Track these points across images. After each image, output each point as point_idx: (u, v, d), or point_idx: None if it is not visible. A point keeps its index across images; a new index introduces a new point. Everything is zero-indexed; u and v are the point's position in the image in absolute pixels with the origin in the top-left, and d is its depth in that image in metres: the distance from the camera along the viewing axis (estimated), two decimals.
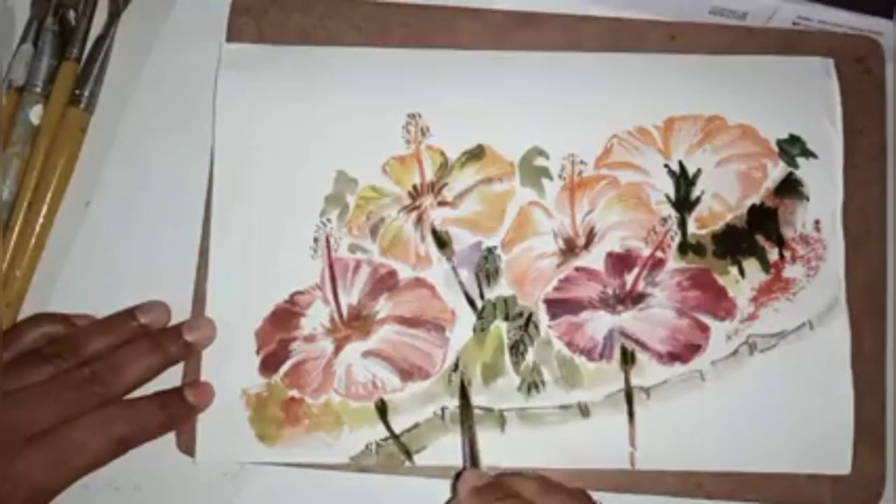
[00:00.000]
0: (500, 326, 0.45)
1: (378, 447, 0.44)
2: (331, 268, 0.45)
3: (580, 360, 0.44)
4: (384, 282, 0.45)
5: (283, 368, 0.44)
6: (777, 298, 0.45)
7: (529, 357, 0.44)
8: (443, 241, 0.45)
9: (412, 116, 0.46)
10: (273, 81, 0.47)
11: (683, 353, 0.44)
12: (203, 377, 0.44)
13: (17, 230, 0.45)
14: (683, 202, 0.46)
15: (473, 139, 0.46)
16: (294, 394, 0.44)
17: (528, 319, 0.45)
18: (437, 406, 0.44)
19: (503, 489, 0.39)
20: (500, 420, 0.44)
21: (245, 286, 0.45)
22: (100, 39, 0.48)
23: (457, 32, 0.47)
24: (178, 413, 0.42)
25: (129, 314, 0.43)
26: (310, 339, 0.44)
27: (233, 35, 0.47)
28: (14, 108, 0.46)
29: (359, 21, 0.48)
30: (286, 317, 0.44)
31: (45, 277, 0.46)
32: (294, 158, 0.46)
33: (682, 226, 0.46)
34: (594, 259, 0.45)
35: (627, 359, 0.44)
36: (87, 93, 0.47)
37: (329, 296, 0.45)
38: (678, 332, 0.45)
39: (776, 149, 0.46)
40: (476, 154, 0.46)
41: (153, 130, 0.48)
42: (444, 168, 0.46)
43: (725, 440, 0.44)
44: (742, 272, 0.45)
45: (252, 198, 0.45)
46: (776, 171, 0.46)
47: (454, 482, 0.43)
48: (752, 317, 0.45)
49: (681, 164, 0.46)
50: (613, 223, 0.46)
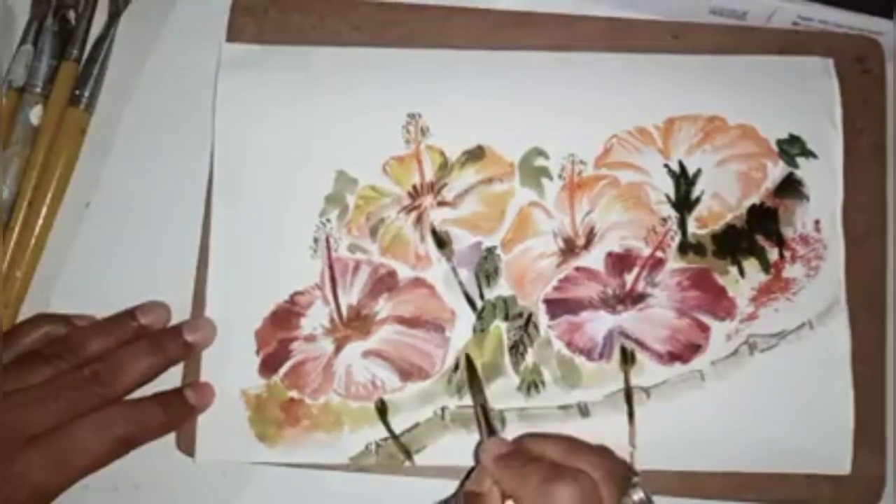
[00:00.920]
0: (500, 326, 0.45)
1: (378, 447, 0.44)
2: (331, 268, 0.45)
3: (580, 360, 0.44)
4: (384, 282, 0.45)
5: (283, 369, 0.44)
6: (777, 298, 0.45)
7: (529, 357, 0.44)
8: (443, 241, 0.45)
9: (412, 116, 0.46)
10: (273, 81, 0.47)
11: (683, 353, 0.45)
12: (203, 377, 0.44)
13: (17, 230, 0.45)
14: (683, 202, 0.46)
15: (473, 139, 0.46)
16: (294, 394, 0.44)
17: (528, 319, 0.45)
18: (437, 406, 0.44)
19: (527, 454, 0.38)
20: (500, 420, 0.44)
21: (245, 286, 0.45)
22: (100, 40, 0.48)
23: (456, 32, 0.47)
24: (179, 413, 0.42)
25: (130, 314, 0.43)
26: (310, 340, 0.44)
27: (233, 35, 0.47)
28: (14, 109, 0.46)
29: (358, 21, 0.48)
30: (286, 317, 0.44)
31: (45, 278, 0.46)
32: (294, 158, 0.46)
33: (682, 226, 0.46)
34: (594, 259, 0.45)
35: (627, 359, 0.44)
36: (87, 93, 0.47)
37: (329, 296, 0.45)
38: (678, 332, 0.45)
39: (776, 149, 0.46)
40: (476, 154, 0.46)
41: (153, 130, 0.48)
42: (444, 168, 0.46)
43: (725, 440, 0.44)
44: (742, 272, 0.45)
45: (252, 198, 0.45)
46: (776, 171, 0.46)
47: (476, 452, 0.42)
48: (752, 317, 0.45)
49: (681, 164, 0.46)
50: (613, 223, 0.46)
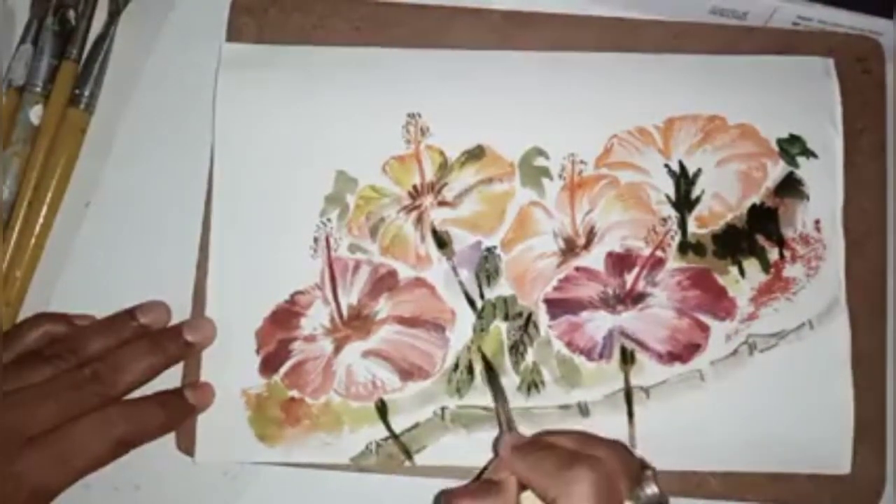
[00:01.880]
0: (500, 326, 0.45)
1: (378, 447, 0.44)
2: (331, 268, 0.45)
3: (580, 360, 0.44)
4: (384, 282, 0.45)
5: (283, 368, 0.44)
6: (777, 298, 0.45)
7: (529, 357, 0.44)
8: (443, 241, 0.45)
9: (412, 116, 0.46)
10: (273, 81, 0.47)
11: (683, 353, 0.45)
12: (203, 377, 0.44)
13: (17, 230, 0.45)
14: (683, 202, 0.46)
15: (473, 139, 0.46)
16: (294, 394, 0.44)
17: (528, 319, 0.45)
18: (437, 406, 0.44)
19: (544, 444, 0.39)
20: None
21: (245, 286, 0.45)
22: (100, 39, 0.48)
23: (456, 32, 0.47)
24: (179, 413, 0.42)
25: (130, 314, 0.43)
26: (310, 339, 0.44)
27: (233, 35, 0.47)
28: (14, 108, 0.46)
29: (359, 21, 0.48)
30: (286, 317, 0.44)
31: (45, 277, 0.46)
32: (294, 158, 0.46)
33: (682, 225, 0.46)
34: (594, 259, 0.45)
35: (627, 359, 0.44)
36: (87, 93, 0.47)
37: (329, 296, 0.45)
38: (678, 332, 0.45)
39: (776, 148, 0.46)
40: (476, 154, 0.46)
41: (153, 130, 0.48)
42: (444, 168, 0.46)
43: (725, 440, 0.44)
44: (742, 272, 0.45)
45: (252, 198, 0.45)
46: (776, 171, 0.46)
47: (494, 445, 0.43)
48: (752, 317, 0.45)
49: (681, 164, 0.46)
50: (613, 223, 0.46)
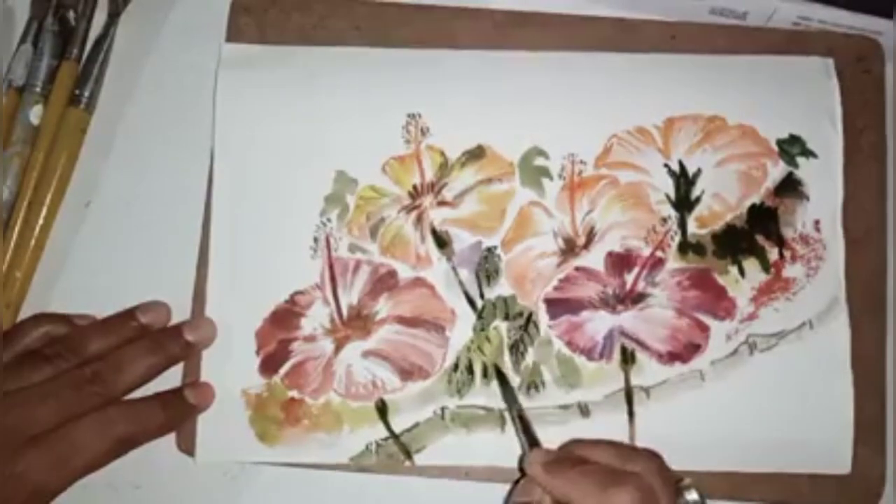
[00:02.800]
0: (500, 326, 0.45)
1: (378, 447, 0.44)
2: (331, 268, 0.45)
3: (580, 360, 0.44)
4: (384, 282, 0.45)
5: (283, 369, 0.44)
6: (777, 298, 0.45)
7: (529, 357, 0.44)
8: (443, 241, 0.45)
9: (412, 116, 0.46)
10: (273, 81, 0.47)
11: (683, 353, 0.44)
12: (203, 377, 0.44)
13: (18, 230, 0.45)
14: (683, 202, 0.46)
15: (473, 139, 0.46)
16: (294, 394, 0.44)
17: (528, 319, 0.45)
18: (437, 406, 0.44)
19: (577, 460, 0.37)
20: (500, 420, 0.44)
21: (245, 286, 0.45)
22: (100, 40, 0.48)
23: (457, 32, 0.47)
24: (179, 413, 0.42)
25: (130, 314, 0.43)
26: (310, 340, 0.44)
27: (233, 35, 0.47)
28: (14, 108, 0.46)
29: (359, 21, 0.48)
30: (286, 317, 0.44)
31: (46, 278, 0.46)
32: (294, 158, 0.46)
33: (682, 226, 0.46)
34: (594, 259, 0.45)
35: (627, 358, 0.44)
36: (87, 93, 0.47)
37: (329, 296, 0.45)
38: (678, 332, 0.45)
39: (776, 149, 0.46)
40: (476, 154, 0.46)
41: (153, 130, 0.48)
42: (444, 168, 0.46)
43: (725, 440, 0.44)
44: (742, 272, 0.45)
45: (252, 198, 0.45)
46: (776, 171, 0.46)
47: (520, 464, 0.41)
48: (752, 316, 0.45)
49: (681, 164, 0.46)
50: (613, 223, 0.46)
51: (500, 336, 0.45)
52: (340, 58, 0.47)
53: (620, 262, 0.45)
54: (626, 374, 0.44)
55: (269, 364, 0.44)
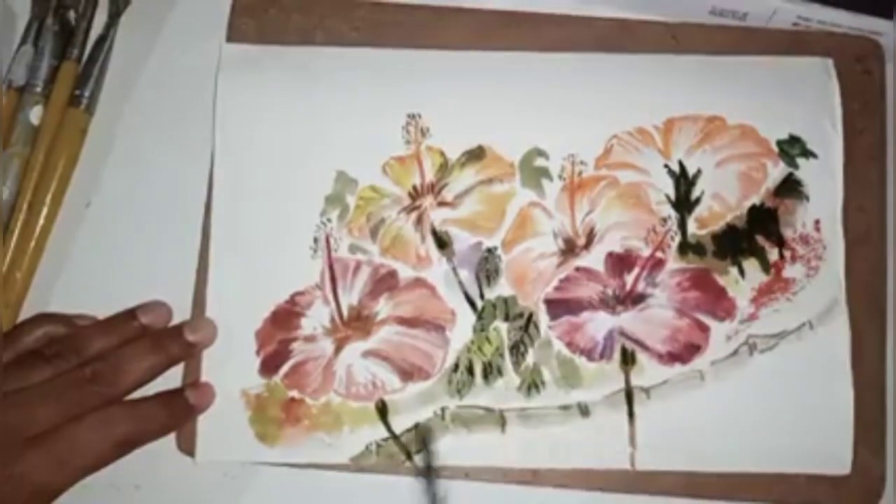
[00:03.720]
0: (500, 326, 0.45)
1: (378, 447, 0.44)
2: (331, 268, 0.45)
3: (580, 361, 0.44)
4: (384, 282, 0.45)
5: (284, 369, 0.44)
6: (777, 298, 0.45)
7: (529, 357, 0.44)
8: (443, 242, 0.45)
9: (412, 116, 0.46)
10: (273, 82, 0.47)
11: (683, 354, 0.45)
12: (203, 377, 0.44)
13: (18, 231, 0.45)
14: (683, 202, 0.46)
15: (473, 139, 0.46)
16: (294, 394, 0.44)
17: (528, 319, 0.45)
18: (438, 406, 0.44)
19: None
20: (500, 420, 0.44)
21: (245, 286, 0.45)
22: (100, 40, 0.48)
23: (457, 33, 0.47)
24: (180, 413, 0.42)
25: (131, 314, 0.43)
26: (310, 340, 0.44)
27: (233, 35, 0.47)
28: (14, 109, 0.46)
29: (358, 21, 0.48)
30: (286, 317, 0.44)
31: (46, 278, 0.46)
32: (294, 158, 0.46)
33: (682, 226, 0.46)
34: (594, 259, 0.45)
35: (627, 359, 0.44)
36: (88, 93, 0.47)
37: (329, 296, 0.45)
38: (678, 333, 0.45)
39: (776, 149, 0.46)
40: (476, 154, 0.46)
41: (153, 130, 0.48)
42: (444, 168, 0.46)
43: (725, 440, 0.44)
44: (742, 272, 0.45)
45: (252, 198, 0.45)
46: (776, 172, 0.46)
47: None
48: (752, 317, 0.45)
49: (681, 165, 0.46)
50: (613, 223, 0.46)
51: (501, 337, 0.45)
52: (340, 58, 0.47)
53: (620, 263, 0.45)
54: (627, 375, 0.44)
55: (270, 364, 0.44)
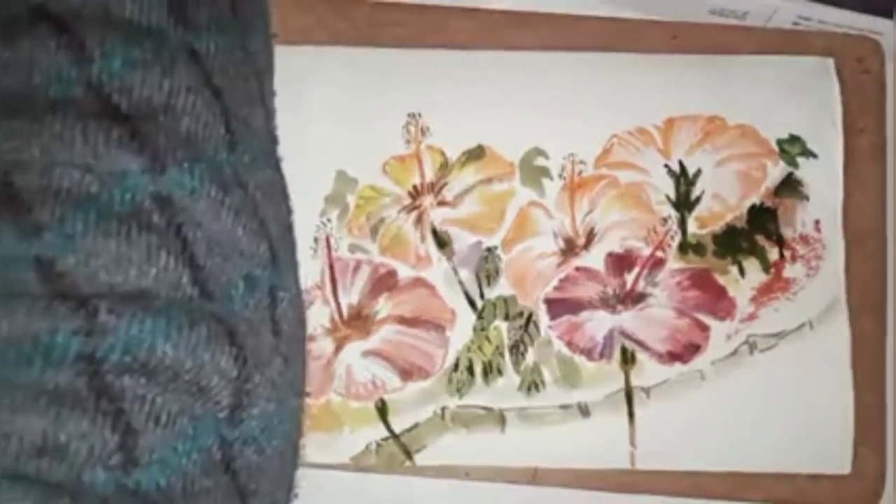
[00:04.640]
0: (500, 326, 0.45)
1: (378, 447, 0.44)
2: (331, 268, 0.45)
3: (580, 360, 0.44)
4: (384, 281, 0.45)
5: None
6: (777, 298, 0.45)
7: (529, 357, 0.44)
8: (443, 241, 0.45)
9: (412, 116, 0.46)
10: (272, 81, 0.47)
11: (683, 353, 0.45)
12: None
13: None
14: (683, 202, 0.46)
15: (473, 139, 0.46)
16: None
17: (528, 319, 0.45)
18: (438, 406, 0.44)
19: None
20: (500, 420, 0.44)
21: None
22: None
23: (457, 33, 0.47)
24: None
25: None
26: (310, 339, 0.44)
27: None
28: None
29: (358, 21, 0.48)
30: None
31: None
32: (294, 158, 0.46)
33: (682, 226, 0.46)
34: (594, 259, 0.45)
35: (627, 359, 0.44)
36: None
37: (329, 296, 0.45)
38: (678, 332, 0.45)
39: (776, 149, 0.46)
40: (476, 154, 0.46)
41: None
42: (444, 168, 0.46)
43: (725, 440, 0.44)
44: (742, 272, 0.45)
45: None
46: (776, 171, 0.46)
47: None
48: (752, 317, 0.45)
49: (681, 164, 0.46)
50: (613, 223, 0.46)
51: (501, 336, 0.45)
52: (340, 58, 0.47)
53: (620, 263, 0.45)
54: (627, 375, 0.44)
55: None
